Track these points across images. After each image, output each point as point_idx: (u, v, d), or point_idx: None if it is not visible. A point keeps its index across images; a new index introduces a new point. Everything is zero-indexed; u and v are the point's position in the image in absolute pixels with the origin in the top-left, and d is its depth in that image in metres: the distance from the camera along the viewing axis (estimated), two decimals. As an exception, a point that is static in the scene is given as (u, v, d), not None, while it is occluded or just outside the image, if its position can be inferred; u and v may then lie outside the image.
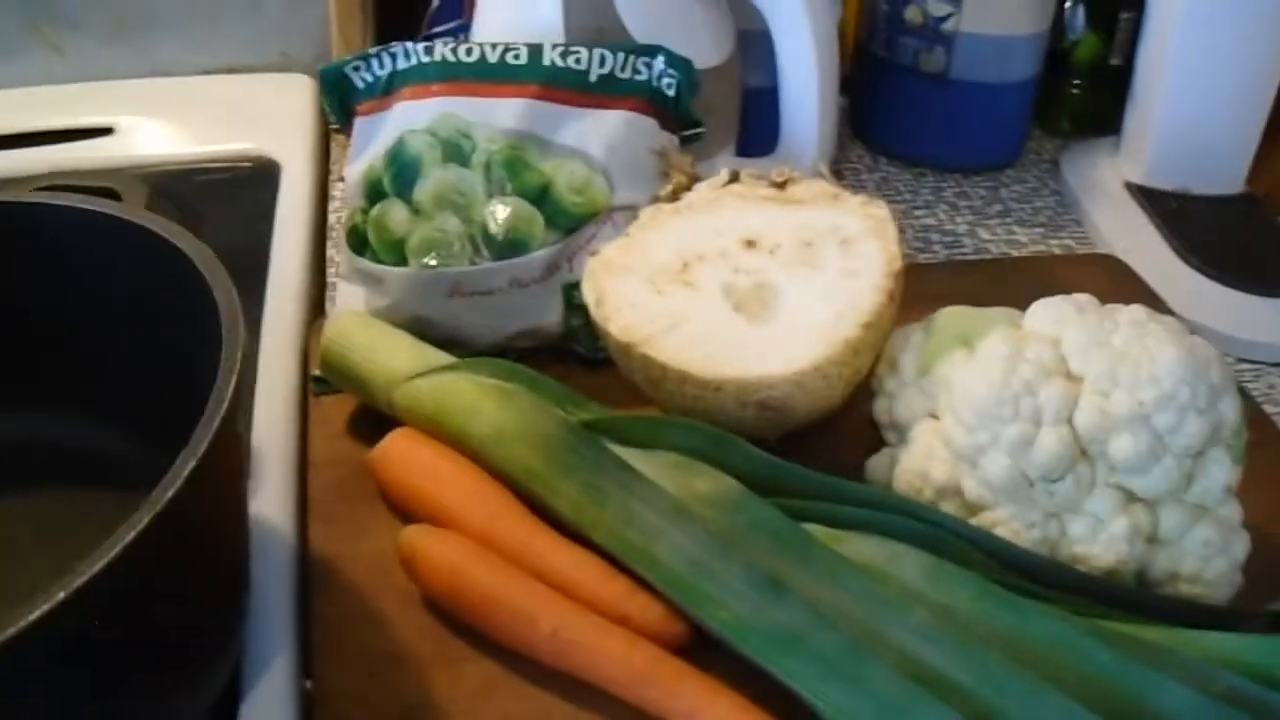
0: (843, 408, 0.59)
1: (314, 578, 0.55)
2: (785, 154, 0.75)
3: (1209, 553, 0.52)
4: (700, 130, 0.69)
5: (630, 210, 0.64)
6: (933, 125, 0.93)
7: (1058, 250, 0.86)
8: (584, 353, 0.65)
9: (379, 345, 0.61)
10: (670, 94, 0.67)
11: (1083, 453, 0.51)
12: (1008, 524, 0.52)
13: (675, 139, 0.68)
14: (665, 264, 0.59)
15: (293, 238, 0.77)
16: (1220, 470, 0.52)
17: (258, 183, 0.84)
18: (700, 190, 0.63)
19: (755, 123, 0.78)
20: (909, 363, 0.56)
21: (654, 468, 0.54)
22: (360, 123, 0.68)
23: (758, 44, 0.77)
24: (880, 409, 0.58)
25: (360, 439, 0.61)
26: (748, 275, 0.58)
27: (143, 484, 0.38)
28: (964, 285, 0.64)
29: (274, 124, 0.88)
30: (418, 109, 0.66)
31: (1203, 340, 0.53)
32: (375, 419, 0.60)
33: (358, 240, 0.66)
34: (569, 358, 0.66)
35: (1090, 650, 0.47)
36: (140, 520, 0.36)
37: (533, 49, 0.66)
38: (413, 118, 0.66)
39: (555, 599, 0.50)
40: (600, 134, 0.65)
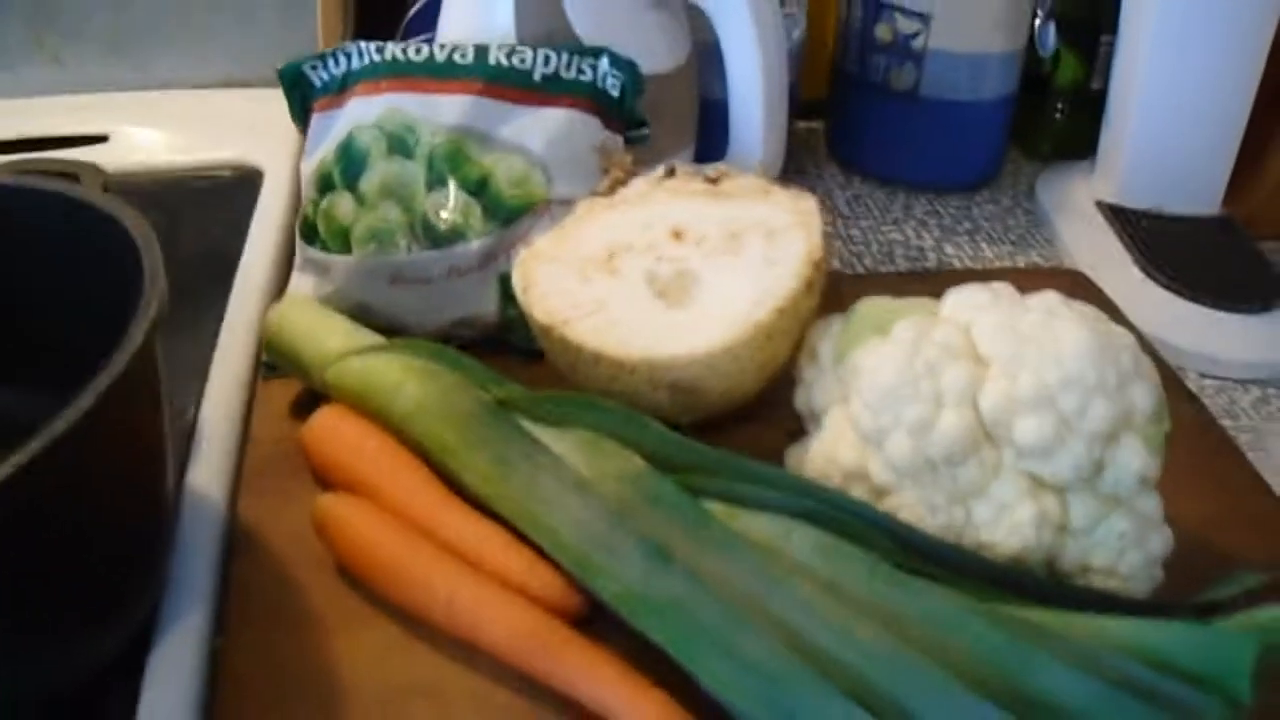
0: (763, 397, 0.58)
1: (237, 543, 0.56)
2: (733, 160, 0.75)
3: (1123, 545, 0.51)
4: (645, 132, 0.69)
5: (568, 204, 0.64)
6: (904, 143, 0.93)
7: (1024, 267, 0.85)
8: (520, 344, 0.65)
9: (317, 327, 0.61)
10: (614, 94, 0.67)
11: (988, 436, 0.50)
12: (912, 508, 0.51)
13: (619, 138, 0.68)
14: (593, 254, 0.59)
15: (266, 238, 0.78)
16: (1133, 458, 0.50)
17: (241, 189, 0.85)
18: (635, 185, 0.63)
19: (718, 133, 0.79)
20: (827, 351, 0.56)
21: (564, 445, 0.53)
22: (316, 119, 0.70)
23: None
24: (800, 398, 0.57)
25: (300, 419, 0.61)
26: (671, 264, 0.58)
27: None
28: (914, 292, 0.63)
29: (260, 134, 0.89)
30: (368, 105, 0.67)
31: (1119, 327, 0.52)
32: (318, 401, 0.61)
33: (309, 230, 0.67)
34: (508, 350, 0.66)
35: (976, 630, 0.45)
36: (41, 440, 0.37)
37: (479, 49, 0.66)
38: (363, 113, 0.67)
39: (454, 567, 0.50)
40: (541, 130, 0.66)
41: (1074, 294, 0.74)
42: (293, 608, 0.52)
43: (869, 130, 0.95)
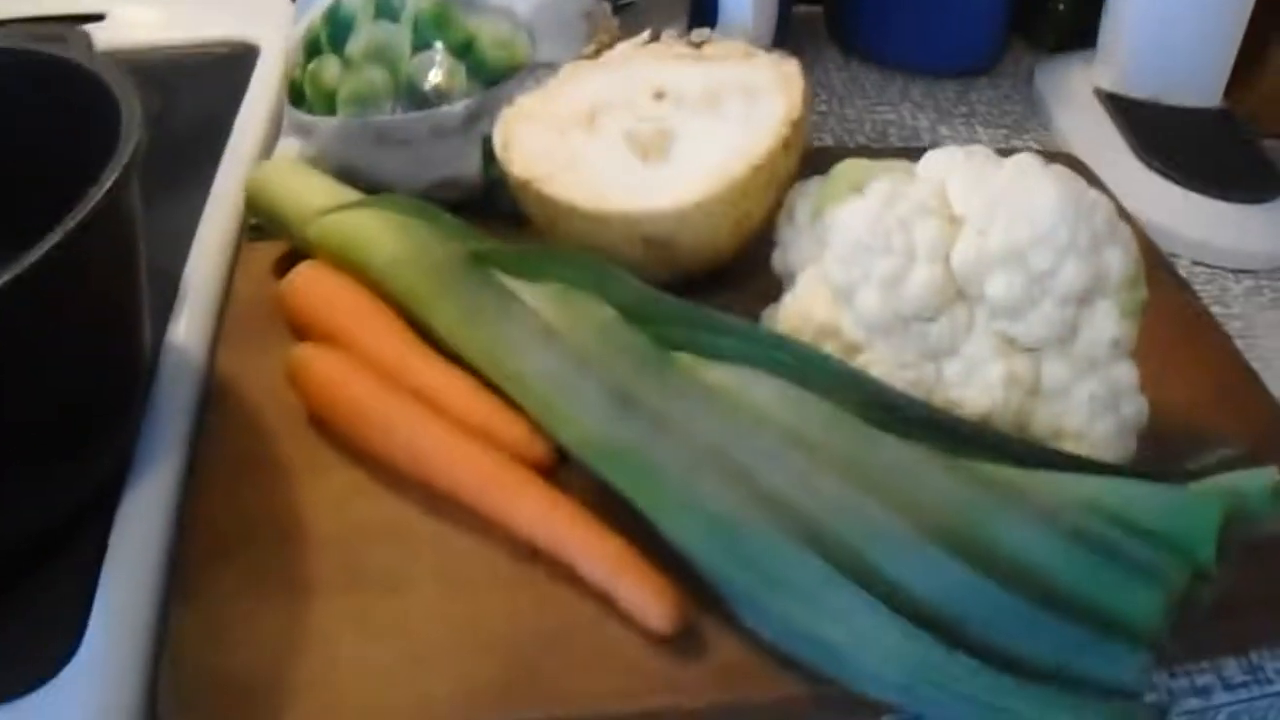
0: (743, 262, 0.57)
1: (212, 394, 0.55)
2: (722, 31, 0.73)
3: (1095, 408, 0.49)
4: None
5: (552, 68, 0.62)
6: (902, 25, 0.91)
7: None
8: (503, 207, 0.63)
9: (300, 187, 0.60)
10: (602, -43, 0.65)
11: (960, 294, 0.49)
12: (883, 364, 0.50)
13: (606, 5, 0.66)
14: (575, 113, 0.58)
15: (258, 110, 0.77)
16: (1107, 322, 0.49)
17: (237, 65, 0.83)
18: (620, 48, 0.61)
19: (709, 9, 0.76)
20: (804, 211, 0.54)
21: (536, 297, 0.52)
22: (306, -12, 0.68)
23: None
24: (777, 258, 0.56)
25: (282, 278, 0.60)
26: (650, 122, 0.57)
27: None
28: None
29: (256, 10, 0.88)
30: (357, -31, 0.65)
31: (1094, 189, 0.51)
32: (299, 261, 0.59)
33: (296, 94, 0.66)
34: (491, 212, 0.64)
35: (938, 482, 0.44)
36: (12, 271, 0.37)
37: (469, -88, 0.64)
38: (352, -23, 0.65)
39: (417, 411, 0.50)
40: (528, -6, 0.64)
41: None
42: (262, 454, 0.52)
43: (867, 13, 0.93)
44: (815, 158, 0.58)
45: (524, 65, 0.63)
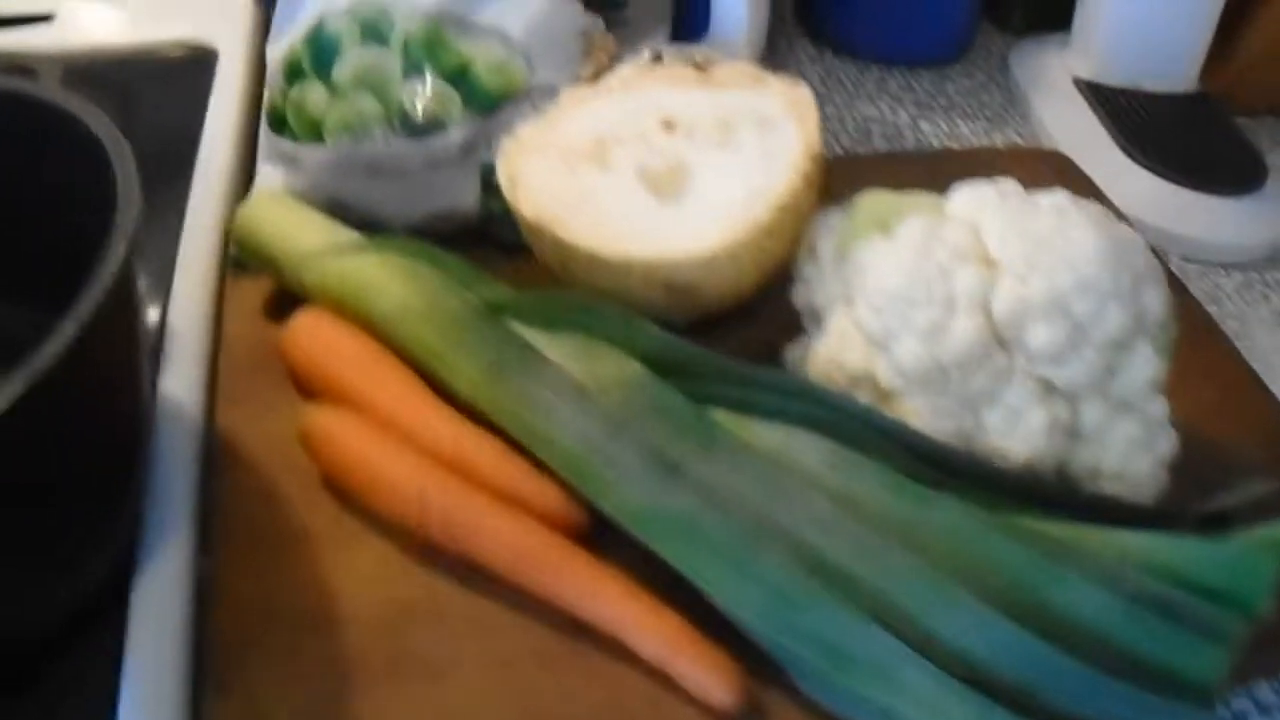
0: (762, 293, 0.55)
1: (217, 456, 0.52)
2: (715, 40, 0.70)
3: (1133, 449, 0.48)
4: (623, 4, 0.64)
5: (550, 91, 0.59)
6: (875, 16, 0.88)
7: (1001, 145, 0.81)
8: (503, 238, 0.60)
9: (291, 224, 0.57)
10: (593, -27, 0.62)
11: (999, 341, 0.47)
12: (921, 414, 0.48)
13: (599, 20, 0.63)
14: (581, 144, 0.55)
15: (225, 122, 0.73)
16: (1144, 364, 0.47)
17: (195, 70, 0.78)
18: (621, 71, 0.58)
19: (691, 10, 0.73)
20: (827, 247, 0.52)
21: (558, 350, 0.50)
22: (282, 1, 0.63)
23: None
24: (799, 295, 0.54)
25: (275, 320, 0.57)
26: (663, 156, 0.54)
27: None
28: (900, 177, 0.58)
29: (214, 12, 0.83)
30: (338, -11, 0.61)
31: (1128, 228, 0.49)
32: (292, 300, 0.56)
33: (277, 120, 0.62)
34: (489, 244, 0.61)
35: (995, 544, 0.43)
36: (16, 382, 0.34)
37: (454, -70, 0.60)
38: (333, -2, 0.61)
39: (447, 479, 0.47)
40: (520, 14, 0.60)
41: (1058, 177, 0.72)
42: (281, 526, 0.49)
43: (840, 3, 0.90)
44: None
45: (521, 90, 0.59)
